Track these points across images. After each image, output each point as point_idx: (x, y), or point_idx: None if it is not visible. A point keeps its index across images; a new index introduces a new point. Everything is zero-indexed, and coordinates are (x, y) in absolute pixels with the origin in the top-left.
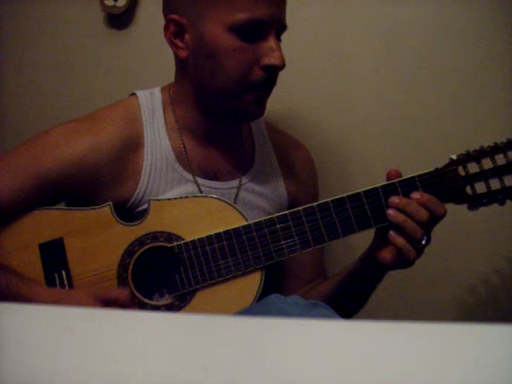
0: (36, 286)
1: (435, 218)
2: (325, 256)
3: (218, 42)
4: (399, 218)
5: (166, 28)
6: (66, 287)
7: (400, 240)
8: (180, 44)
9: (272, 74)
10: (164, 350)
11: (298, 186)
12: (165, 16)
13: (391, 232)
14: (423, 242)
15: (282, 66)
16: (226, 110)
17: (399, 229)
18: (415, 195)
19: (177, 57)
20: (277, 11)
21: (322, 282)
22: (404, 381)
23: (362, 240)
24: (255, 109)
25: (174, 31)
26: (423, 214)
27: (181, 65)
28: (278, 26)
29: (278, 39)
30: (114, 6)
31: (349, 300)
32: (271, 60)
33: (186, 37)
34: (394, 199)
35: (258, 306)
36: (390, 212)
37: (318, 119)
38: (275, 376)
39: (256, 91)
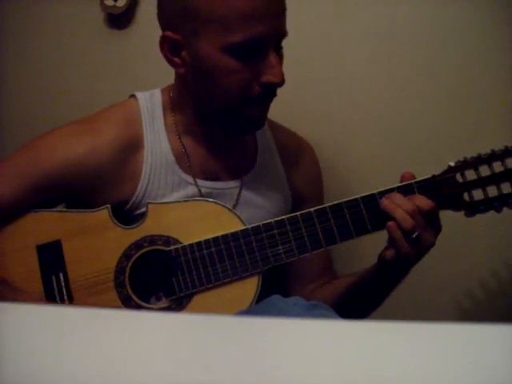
0: (31, 298)
1: (424, 213)
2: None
3: (213, 62)
4: (390, 206)
5: (162, 45)
6: (64, 289)
7: (397, 232)
8: (177, 61)
9: (271, 90)
10: (165, 350)
11: (302, 184)
12: (162, 30)
13: (390, 222)
14: (414, 235)
15: (281, 84)
16: (226, 125)
17: (391, 215)
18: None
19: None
20: (275, 25)
21: (331, 280)
22: (404, 381)
23: (369, 240)
24: (255, 123)
25: (170, 48)
26: (410, 206)
27: (180, 78)
28: (277, 39)
29: (279, 47)
30: (114, 5)
31: (358, 303)
32: (270, 78)
33: (183, 54)
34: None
35: (259, 307)
36: (384, 201)
37: (315, 122)
38: (276, 376)
39: (256, 107)
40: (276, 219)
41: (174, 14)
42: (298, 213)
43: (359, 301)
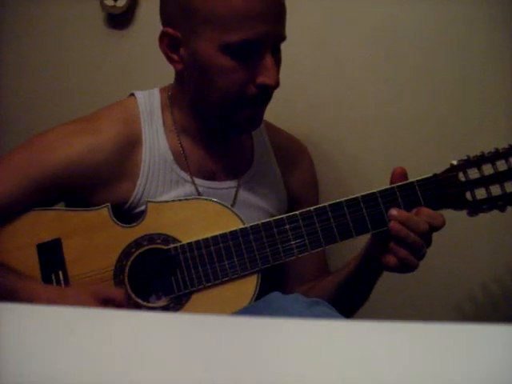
0: (33, 282)
1: (435, 229)
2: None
3: (210, 60)
4: (402, 232)
5: (161, 40)
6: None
7: (402, 251)
8: (175, 57)
9: (266, 91)
10: (164, 350)
11: (298, 184)
12: (162, 26)
13: (392, 245)
14: (423, 251)
15: (275, 86)
16: (221, 124)
17: (400, 240)
18: (414, 211)
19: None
20: (273, 28)
21: (324, 279)
22: (404, 381)
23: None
24: (251, 123)
25: (169, 44)
26: (423, 227)
27: (177, 75)
28: (274, 41)
29: (277, 50)
30: (114, 6)
31: (352, 297)
32: (265, 79)
33: (181, 50)
34: (393, 212)
35: (260, 304)
36: (394, 225)
37: (314, 122)
38: (276, 376)
39: (251, 107)
40: (275, 218)
41: (174, 12)
42: (297, 212)
43: (352, 296)
